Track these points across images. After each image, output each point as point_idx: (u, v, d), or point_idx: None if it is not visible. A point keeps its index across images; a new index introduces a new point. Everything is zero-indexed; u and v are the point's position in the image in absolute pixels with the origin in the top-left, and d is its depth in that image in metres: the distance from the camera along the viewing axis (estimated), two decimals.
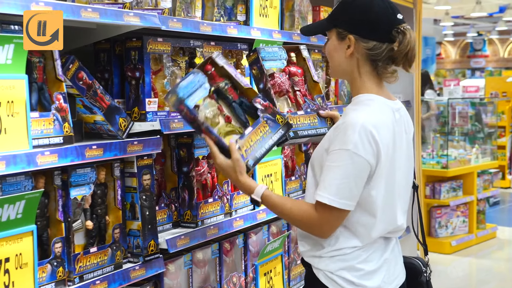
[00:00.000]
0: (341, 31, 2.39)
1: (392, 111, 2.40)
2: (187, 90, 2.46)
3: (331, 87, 4.20)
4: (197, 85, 2.52)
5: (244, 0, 3.35)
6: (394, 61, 2.39)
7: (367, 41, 2.35)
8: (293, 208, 2.40)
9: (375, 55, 2.36)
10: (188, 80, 2.48)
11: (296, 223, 2.44)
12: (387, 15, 2.35)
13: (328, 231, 2.36)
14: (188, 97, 2.45)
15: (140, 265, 2.61)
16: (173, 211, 2.94)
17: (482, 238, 8.39)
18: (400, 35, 2.33)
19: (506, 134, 12.63)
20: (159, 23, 2.63)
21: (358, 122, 2.26)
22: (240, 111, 2.63)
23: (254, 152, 2.51)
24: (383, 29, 2.34)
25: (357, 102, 2.40)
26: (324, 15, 4.06)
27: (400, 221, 2.44)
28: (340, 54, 2.42)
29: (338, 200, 2.26)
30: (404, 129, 2.45)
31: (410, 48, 2.34)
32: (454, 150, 8.66)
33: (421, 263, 2.65)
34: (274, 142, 2.58)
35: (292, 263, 3.71)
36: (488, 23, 24.72)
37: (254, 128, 2.55)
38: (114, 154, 2.46)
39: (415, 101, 5.69)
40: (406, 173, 2.47)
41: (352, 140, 2.24)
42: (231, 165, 2.44)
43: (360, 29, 2.36)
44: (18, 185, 2.13)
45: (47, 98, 2.26)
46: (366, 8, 2.36)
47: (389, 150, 2.32)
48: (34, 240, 2.09)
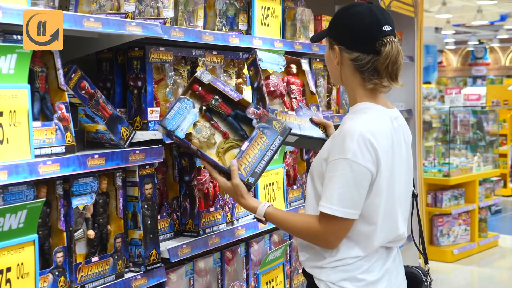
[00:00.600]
0: (331, 41, 2.45)
1: (390, 119, 2.40)
2: (175, 121, 2.54)
3: (333, 96, 4.20)
4: (185, 112, 2.57)
5: (246, 10, 3.36)
6: (378, 73, 2.38)
7: (351, 52, 2.37)
8: (297, 222, 2.42)
9: (359, 66, 2.37)
10: (175, 110, 2.55)
11: (301, 236, 2.44)
12: (371, 27, 2.34)
13: (334, 241, 2.35)
14: (177, 128, 2.53)
15: (142, 274, 2.60)
16: (175, 220, 2.94)
17: (484, 247, 8.37)
18: (382, 47, 2.33)
19: (507, 142, 12.63)
20: (161, 32, 2.64)
21: (356, 131, 2.26)
22: (236, 125, 2.66)
23: (253, 168, 2.54)
24: (366, 40, 2.34)
25: (354, 111, 2.41)
26: (326, 24, 4.07)
27: (401, 229, 2.43)
28: (331, 62, 2.46)
29: (340, 209, 2.26)
30: (403, 137, 2.44)
31: (391, 60, 2.32)
32: (456, 159, 8.65)
33: (421, 272, 2.65)
34: (274, 151, 2.59)
35: (293, 272, 3.71)
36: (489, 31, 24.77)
37: (250, 143, 2.56)
38: (116, 163, 2.46)
39: (416, 109, 5.68)
40: (406, 182, 2.47)
41: (350, 148, 2.24)
42: (232, 190, 2.53)
43: (344, 40, 2.39)
44: (20, 194, 2.13)
45: (49, 108, 2.26)
46: (351, 20, 2.38)
47: (388, 158, 2.32)
48: (36, 249, 2.09)
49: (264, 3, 3.44)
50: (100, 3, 2.54)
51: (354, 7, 2.41)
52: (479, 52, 29.35)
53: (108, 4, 2.56)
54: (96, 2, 2.52)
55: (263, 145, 2.56)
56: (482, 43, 28.60)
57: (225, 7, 3.23)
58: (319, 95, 4.02)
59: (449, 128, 8.92)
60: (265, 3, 3.45)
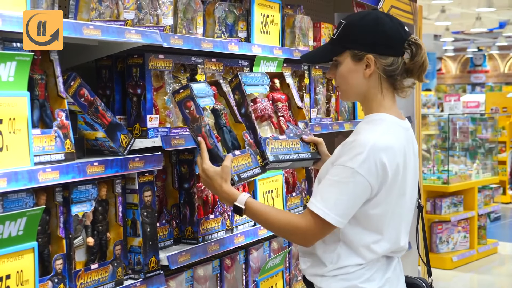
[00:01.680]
0: (357, 52, 2.37)
1: (403, 131, 2.40)
2: (200, 91, 2.58)
3: (332, 103, 4.20)
4: (208, 93, 2.63)
5: (245, 17, 3.37)
6: (409, 74, 2.39)
7: (386, 58, 2.35)
8: (278, 215, 2.41)
9: (393, 70, 2.36)
10: (200, 85, 2.61)
11: (279, 230, 2.43)
12: (398, 30, 2.36)
13: (311, 241, 2.35)
14: (200, 98, 2.57)
15: (141, 281, 2.60)
16: (174, 227, 2.94)
17: (483, 254, 8.37)
18: (413, 46, 2.35)
19: (506, 149, 12.64)
20: (160, 40, 2.64)
21: (369, 143, 2.25)
22: (228, 137, 2.67)
23: (240, 171, 2.58)
24: (397, 43, 2.35)
25: (369, 120, 2.39)
26: (325, 31, 4.08)
27: (403, 241, 2.43)
28: (357, 76, 2.39)
29: (332, 216, 2.26)
30: (413, 149, 2.44)
31: (425, 58, 2.37)
32: (455, 166, 8.67)
33: (425, 284, 2.63)
34: (254, 174, 2.65)
35: (293, 279, 3.71)
36: (488, 38, 24.83)
37: (242, 154, 2.62)
38: (116, 170, 2.46)
39: (415, 116, 5.69)
40: (412, 194, 2.46)
41: (359, 159, 2.24)
42: (219, 172, 2.46)
43: (377, 47, 2.35)
44: (20, 201, 2.13)
45: (49, 115, 2.26)
46: (377, 26, 2.36)
47: (399, 171, 2.31)
48: (35, 257, 2.09)
49: (263, 11, 3.45)
50: (99, 10, 2.54)
51: (370, 14, 2.39)
52: (478, 59, 29.40)
53: (108, 12, 2.57)
54: (95, 9, 2.53)
55: (248, 163, 2.64)
56: (481, 50, 28.66)
57: (224, 15, 3.23)
58: (318, 102, 4.02)
59: (448, 135, 8.93)
60: (264, 11, 3.46)
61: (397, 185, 2.32)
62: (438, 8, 15.76)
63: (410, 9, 5.54)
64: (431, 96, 20.03)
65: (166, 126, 2.78)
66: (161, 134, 2.73)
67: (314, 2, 4.81)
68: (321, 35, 4.06)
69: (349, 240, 2.35)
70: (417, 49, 2.35)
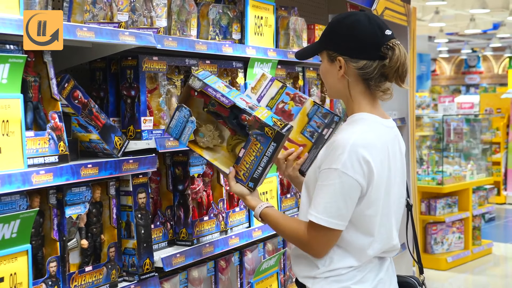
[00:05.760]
0: (331, 53, 2.39)
1: (386, 129, 2.40)
2: (177, 129, 2.61)
3: (326, 104, 4.21)
4: (184, 120, 2.60)
5: (239, 19, 3.37)
6: (386, 78, 2.38)
7: (357, 61, 2.34)
8: (286, 227, 2.44)
9: (366, 74, 2.35)
10: (175, 118, 2.61)
11: (290, 240, 2.47)
12: (374, 33, 2.33)
13: (319, 250, 2.35)
14: (181, 136, 2.60)
15: (136, 283, 2.60)
16: (169, 229, 2.94)
17: (478, 254, 8.38)
18: (390, 51, 2.32)
19: (501, 150, 12.66)
20: (154, 42, 2.64)
21: (348, 142, 2.25)
22: (237, 126, 2.60)
23: (251, 174, 2.53)
24: (372, 47, 2.33)
25: (350, 121, 2.40)
26: (319, 33, 4.08)
27: (395, 240, 2.43)
28: (332, 76, 2.41)
29: (325, 219, 2.26)
30: (399, 148, 2.44)
31: (400, 63, 2.32)
32: (449, 167, 8.67)
33: (416, 282, 2.64)
34: (269, 157, 2.54)
35: (287, 281, 3.71)
36: (482, 39, 24.88)
37: (246, 149, 2.54)
38: (110, 172, 2.46)
39: (409, 118, 5.70)
40: (400, 193, 2.46)
41: (341, 159, 2.24)
42: (238, 192, 2.58)
43: (348, 49, 2.35)
44: (13, 204, 2.13)
45: (43, 117, 2.26)
46: (352, 28, 2.34)
47: (384, 169, 2.32)
48: (29, 259, 2.09)
49: (257, 13, 3.45)
50: (93, 12, 2.54)
51: (351, 16, 2.38)
52: (472, 61, 29.47)
53: (101, 14, 2.57)
54: (89, 11, 2.53)
55: (258, 151, 2.53)
56: (475, 52, 28.72)
57: (218, 17, 3.24)
58: None
59: (442, 136, 8.94)
60: (258, 13, 3.46)
61: (383, 183, 2.32)
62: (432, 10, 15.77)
63: (404, 10, 5.55)
64: (425, 98, 20.07)
65: (160, 128, 2.78)
66: (155, 136, 2.73)
67: (308, 3, 4.82)
68: (315, 37, 4.07)
69: (342, 243, 2.35)
70: (393, 54, 2.32)
